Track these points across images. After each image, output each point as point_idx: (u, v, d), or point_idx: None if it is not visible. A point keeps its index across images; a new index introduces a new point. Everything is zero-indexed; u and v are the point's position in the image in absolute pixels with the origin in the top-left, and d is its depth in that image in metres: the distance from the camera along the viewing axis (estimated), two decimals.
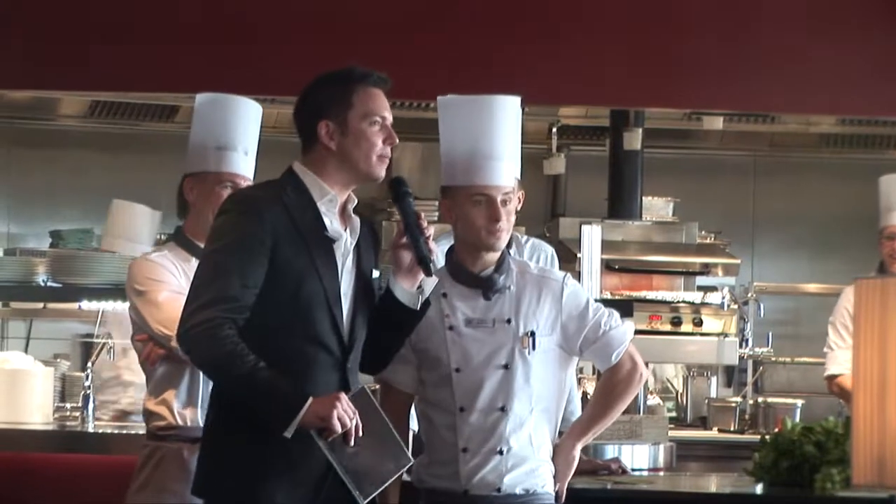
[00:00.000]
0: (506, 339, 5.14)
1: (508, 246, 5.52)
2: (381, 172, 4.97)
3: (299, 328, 4.75)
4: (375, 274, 5.28)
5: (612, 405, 5.36)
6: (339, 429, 4.57)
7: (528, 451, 5.17)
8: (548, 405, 5.22)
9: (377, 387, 5.67)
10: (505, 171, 5.24)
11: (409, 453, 5.02)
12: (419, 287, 4.94)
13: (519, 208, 5.47)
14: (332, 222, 4.81)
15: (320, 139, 4.74)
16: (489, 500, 5.12)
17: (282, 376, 4.62)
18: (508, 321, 5.14)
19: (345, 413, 4.59)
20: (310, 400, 4.55)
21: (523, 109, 5.64)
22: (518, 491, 5.11)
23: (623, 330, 5.29)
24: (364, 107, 4.79)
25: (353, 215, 4.92)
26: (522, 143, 5.49)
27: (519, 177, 5.41)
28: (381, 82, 4.95)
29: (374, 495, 4.86)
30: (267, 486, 4.73)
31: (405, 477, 5.20)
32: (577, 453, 5.28)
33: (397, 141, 5.02)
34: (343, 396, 4.65)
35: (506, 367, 5.10)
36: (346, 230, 4.88)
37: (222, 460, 4.81)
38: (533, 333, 5.15)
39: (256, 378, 4.62)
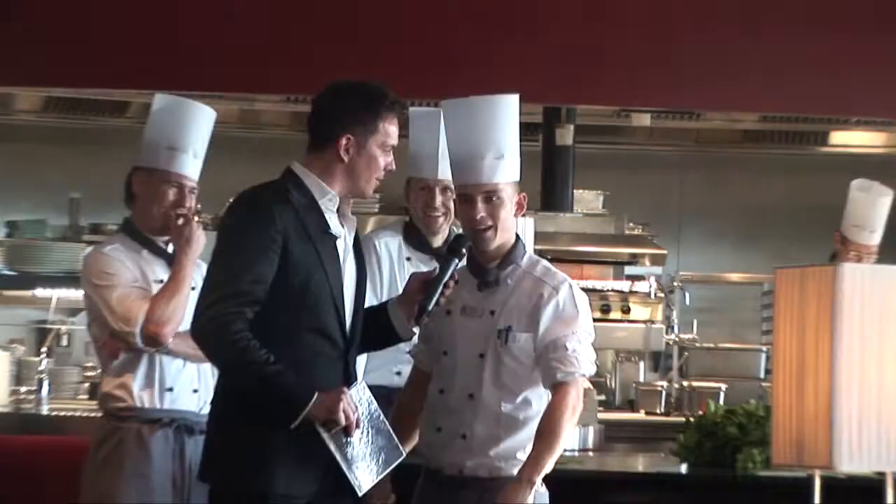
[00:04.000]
0: (487, 330, 5.21)
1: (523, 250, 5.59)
2: (371, 192, 5.25)
3: (306, 321, 4.87)
4: None
5: (560, 431, 5.29)
6: (343, 422, 4.72)
7: (495, 439, 5.22)
8: (522, 401, 5.25)
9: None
10: (485, 170, 5.30)
11: (402, 448, 5.14)
12: (419, 321, 5.10)
13: (521, 212, 5.57)
14: (333, 220, 4.97)
15: (337, 149, 4.87)
16: (457, 481, 5.21)
17: (289, 370, 4.74)
18: (492, 313, 5.20)
19: (348, 407, 4.74)
20: (316, 394, 4.70)
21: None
22: (481, 474, 5.16)
23: (583, 359, 5.24)
24: (384, 136, 4.95)
25: (349, 215, 5.09)
26: None
27: (509, 179, 5.38)
28: (403, 112, 5.17)
29: (370, 486, 5.00)
30: (272, 475, 4.87)
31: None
32: (533, 491, 5.17)
33: (394, 167, 5.14)
34: (347, 392, 4.82)
35: (481, 356, 5.18)
36: (346, 225, 5.04)
37: (228, 448, 4.93)
38: (510, 328, 5.19)
39: (266, 372, 4.75)
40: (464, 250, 5.19)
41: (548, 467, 5.10)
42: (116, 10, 8.86)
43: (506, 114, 5.39)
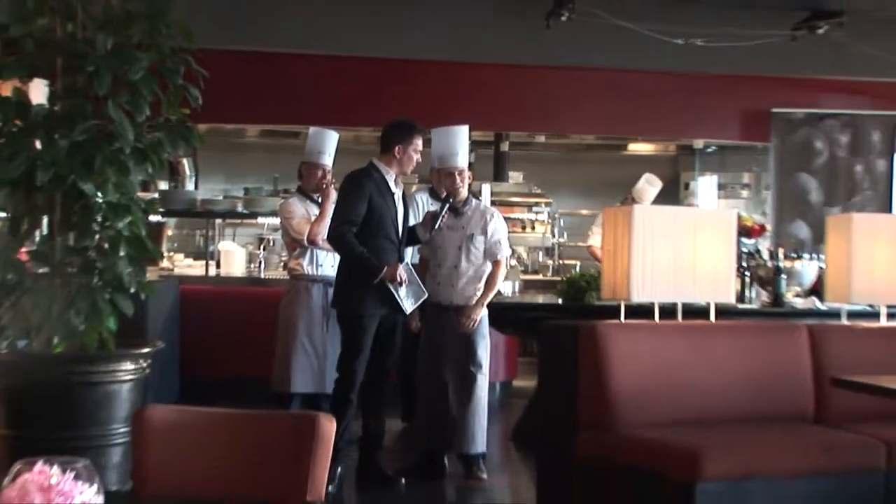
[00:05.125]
0: (461, 235, 7.27)
1: (477, 197, 7.62)
2: (409, 172, 7.39)
3: (381, 232, 6.97)
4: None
5: (494, 284, 7.40)
6: (398, 279, 6.89)
7: (469, 286, 7.32)
8: (478, 268, 7.34)
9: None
10: (454, 161, 7.41)
11: (424, 290, 7.19)
12: (434, 228, 7.17)
13: (470, 180, 7.67)
14: (393, 185, 7.05)
15: (393, 152, 7.07)
16: (453, 307, 7.37)
17: (373, 255, 6.83)
18: (463, 227, 7.30)
19: (401, 272, 6.87)
20: (386, 267, 6.82)
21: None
22: (459, 301, 7.31)
23: (504, 248, 7.42)
24: (414, 146, 7.15)
25: (399, 183, 7.14)
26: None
27: (466, 164, 7.55)
28: (424, 133, 7.28)
29: (411, 310, 7.20)
30: (363, 303, 7.05)
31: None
32: (482, 310, 7.36)
33: (420, 160, 7.28)
34: (400, 265, 6.93)
35: (459, 248, 7.29)
36: (398, 189, 7.14)
37: (344, 291, 7.17)
38: (472, 234, 7.28)
39: (362, 256, 6.84)
40: (449, 203, 7.23)
41: (489, 299, 7.39)
42: (293, 78, 11.22)
43: (465, 133, 7.49)
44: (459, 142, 7.50)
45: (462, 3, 10.41)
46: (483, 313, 7.35)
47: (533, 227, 13.73)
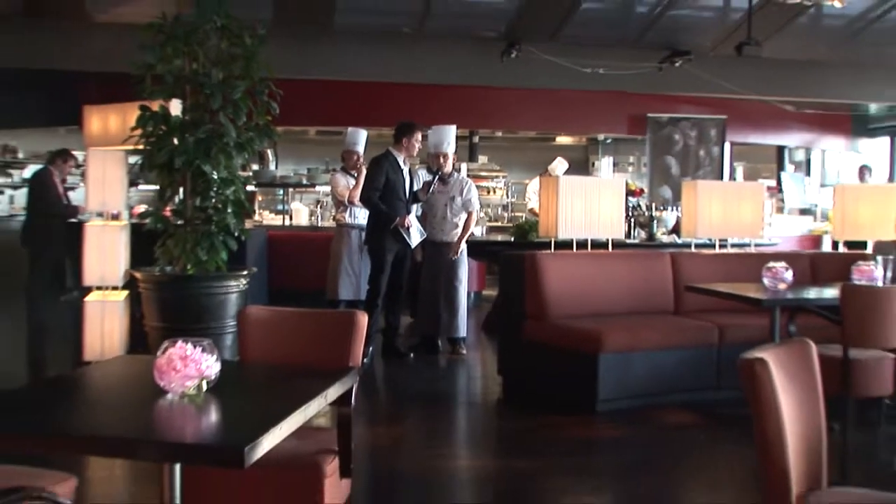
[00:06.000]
0: (447, 197, 7.31)
1: (458, 171, 7.50)
2: (414, 155, 7.31)
3: (394, 195, 7.01)
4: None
5: (468, 228, 7.32)
6: (406, 225, 6.98)
7: (452, 229, 7.32)
8: (459, 218, 7.31)
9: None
10: (444, 147, 7.32)
11: (424, 232, 7.14)
12: (429, 192, 7.15)
13: (454, 161, 7.44)
14: (402, 164, 7.08)
15: (402, 142, 7.08)
16: (442, 243, 7.31)
17: (390, 211, 6.93)
18: (448, 192, 7.33)
19: (408, 221, 6.97)
20: (398, 217, 6.92)
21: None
22: (447, 239, 7.31)
23: (475, 205, 7.33)
24: (416, 138, 7.14)
25: (407, 163, 7.12)
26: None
27: (452, 150, 7.37)
28: (424, 129, 7.21)
29: (415, 245, 7.13)
30: (385, 240, 7.08)
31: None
32: (462, 245, 7.28)
33: (421, 147, 7.23)
34: (407, 215, 7.03)
35: (445, 205, 7.31)
36: (406, 167, 7.12)
37: (373, 233, 7.18)
38: (454, 197, 7.31)
39: (384, 211, 6.96)
40: (438, 175, 7.29)
41: (465, 238, 7.35)
42: (336, 95, 10.93)
43: (451, 130, 7.43)
44: (445, 135, 7.40)
45: (446, 47, 10.29)
46: (463, 247, 7.29)
47: (494, 192, 13.52)
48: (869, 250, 6.55)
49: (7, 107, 11.48)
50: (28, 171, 11.94)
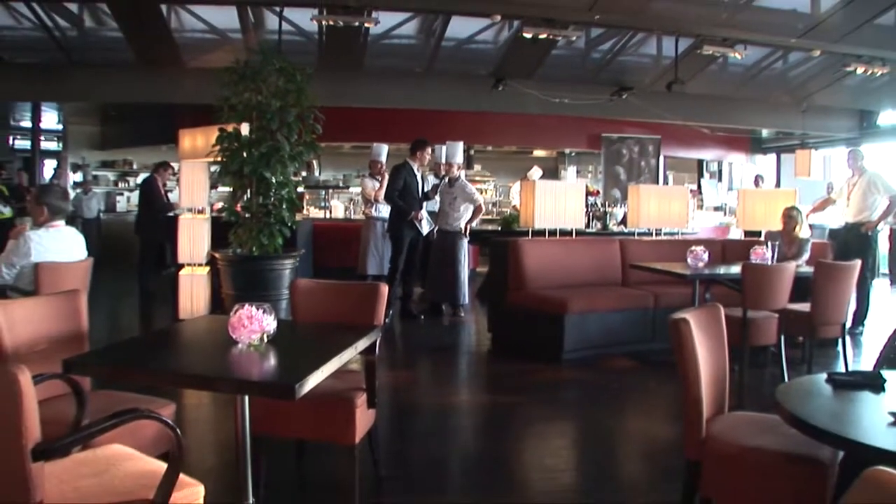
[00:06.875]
0: (451, 197, 7.07)
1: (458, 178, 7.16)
2: (426, 165, 7.07)
3: (410, 195, 6.87)
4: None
5: (476, 217, 7.10)
6: (419, 217, 6.86)
7: (455, 221, 7.10)
8: (464, 211, 7.01)
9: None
10: (457, 158, 7.12)
11: (433, 223, 6.90)
12: (434, 195, 6.93)
13: (460, 172, 7.11)
14: (416, 171, 6.93)
15: (416, 154, 6.91)
16: (451, 231, 7.03)
17: (407, 207, 6.80)
18: (452, 193, 7.08)
19: (420, 214, 6.83)
20: (413, 211, 6.81)
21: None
22: (455, 228, 7.06)
23: (479, 199, 7.03)
24: (427, 151, 6.95)
25: (420, 170, 6.95)
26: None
27: (461, 161, 7.14)
28: (434, 145, 6.99)
29: (426, 232, 6.94)
30: (402, 229, 6.95)
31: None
32: (467, 230, 7.02)
33: (430, 159, 6.98)
34: (419, 210, 6.90)
35: (450, 204, 7.08)
36: (419, 173, 6.97)
37: (393, 222, 7.04)
38: (456, 197, 7.09)
39: (402, 207, 6.84)
40: (446, 180, 7.04)
41: (468, 228, 7.07)
42: (365, 119, 10.38)
43: (459, 145, 7.27)
44: (458, 149, 7.26)
45: (449, 82, 10.01)
46: (466, 232, 7.13)
47: (485, 192, 13.07)
48: (762, 238, 6.56)
49: (126, 131, 12.31)
50: (140, 178, 12.31)
